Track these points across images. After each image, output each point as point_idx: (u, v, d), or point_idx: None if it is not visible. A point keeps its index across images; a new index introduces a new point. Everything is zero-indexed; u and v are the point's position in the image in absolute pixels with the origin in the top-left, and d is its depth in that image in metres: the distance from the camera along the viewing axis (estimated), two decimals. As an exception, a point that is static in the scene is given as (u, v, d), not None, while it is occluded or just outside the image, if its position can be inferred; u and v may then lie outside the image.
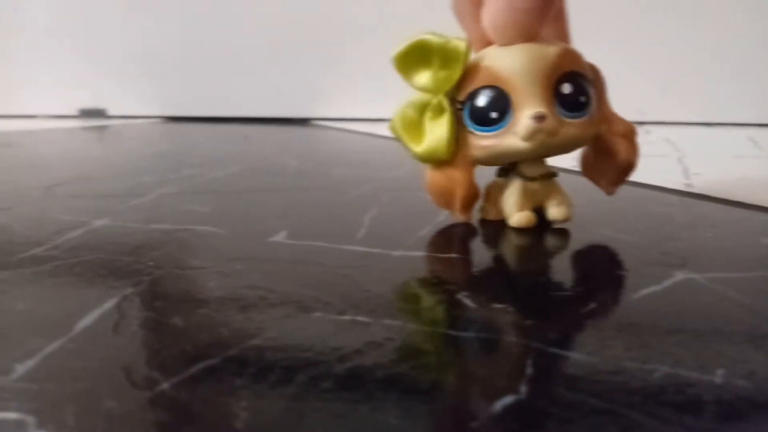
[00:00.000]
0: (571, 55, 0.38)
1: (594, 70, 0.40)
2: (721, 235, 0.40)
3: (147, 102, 1.15)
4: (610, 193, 0.41)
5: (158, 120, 1.12)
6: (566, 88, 0.37)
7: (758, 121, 0.99)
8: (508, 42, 0.37)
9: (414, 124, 0.39)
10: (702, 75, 0.99)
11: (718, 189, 0.51)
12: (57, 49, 1.14)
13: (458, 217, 0.42)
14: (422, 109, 0.39)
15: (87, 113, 1.15)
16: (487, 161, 0.40)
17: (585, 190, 0.42)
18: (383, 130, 0.43)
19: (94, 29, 1.13)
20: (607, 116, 0.40)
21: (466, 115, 0.38)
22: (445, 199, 0.41)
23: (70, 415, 0.20)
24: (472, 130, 0.38)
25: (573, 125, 0.37)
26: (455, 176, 0.40)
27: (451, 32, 0.38)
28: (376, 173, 0.61)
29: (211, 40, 1.11)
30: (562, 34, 0.41)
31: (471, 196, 0.41)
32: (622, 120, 0.40)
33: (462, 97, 0.38)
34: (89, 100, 1.16)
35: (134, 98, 1.15)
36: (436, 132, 0.39)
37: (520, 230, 0.40)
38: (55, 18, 1.13)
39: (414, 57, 0.38)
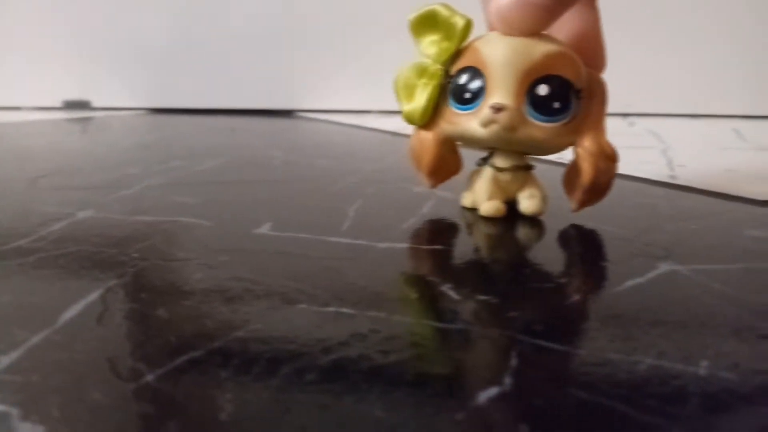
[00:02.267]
0: (561, 59, 0.37)
1: (595, 84, 0.39)
2: (705, 226, 0.40)
3: (132, 94, 1.14)
4: (573, 210, 0.41)
5: (143, 112, 1.12)
6: (542, 90, 0.37)
7: (743, 113, 0.99)
8: (512, 33, 0.37)
9: (411, 85, 0.40)
10: (687, 66, 0.99)
11: (702, 181, 0.52)
12: (41, 41, 1.13)
13: (425, 183, 0.43)
14: (421, 73, 0.40)
15: (71, 105, 1.15)
16: (454, 138, 0.41)
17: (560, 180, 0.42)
18: (368, 121, 0.43)
19: (79, 21, 1.12)
20: (586, 131, 0.38)
21: (450, 89, 0.39)
22: (415, 160, 0.42)
23: (54, 406, 0.20)
24: (450, 104, 0.39)
25: (537, 128, 0.37)
26: (426, 142, 0.41)
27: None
28: (361, 165, 0.61)
29: (197, 31, 1.10)
30: (590, 27, 0.40)
31: (437, 165, 0.41)
32: (600, 140, 0.38)
33: (453, 71, 0.39)
34: (73, 91, 1.15)
35: (119, 90, 1.15)
36: (420, 98, 0.40)
37: (503, 221, 0.40)
38: (40, 10, 1.12)
39: (425, 24, 0.40)
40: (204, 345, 0.24)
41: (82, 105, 1.14)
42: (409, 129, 0.42)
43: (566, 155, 0.40)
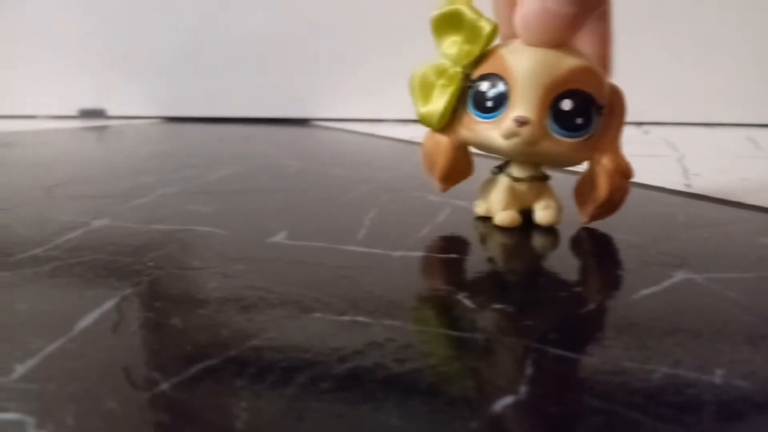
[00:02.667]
0: (587, 74, 0.37)
1: (615, 97, 0.39)
2: (720, 235, 0.40)
3: (147, 102, 1.15)
4: (583, 222, 0.41)
5: (158, 120, 1.12)
6: (566, 105, 0.36)
7: (758, 121, 0.99)
8: (535, 44, 0.36)
9: (428, 85, 0.40)
10: (702, 75, 0.99)
11: (717, 189, 0.51)
12: (56, 50, 1.14)
13: (437, 186, 0.43)
14: (440, 74, 0.39)
15: (87, 113, 1.15)
16: (472, 145, 0.40)
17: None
18: (383, 130, 0.43)
19: (94, 30, 1.13)
20: (603, 147, 0.38)
21: (470, 95, 0.38)
22: (429, 163, 0.42)
23: (70, 415, 0.20)
24: (469, 110, 0.39)
25: (559, 142, 0.37)
26: (441, 145, 0.40)
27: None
28: (375, 173, 0.61)
29: (212, 41, 1.11)
30: (603, 39, 0.40)
31: (450, 169, 0.41)
32: (617, 157, 0.38)
33: (474, 76, 0.38)
34: (89, 100, 1.16)
35: (134, 99, 1.15)
36: (439, 100, 0.39)
37: (517, 230, 0.40)
38: (55, 19, 1.13)
39: (448, 23, 0.39)
40: (219, 354, 0.24)
41: (97, 114, 1.15)
42: (423, 137, 0.41)
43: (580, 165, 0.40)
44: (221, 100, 1.13)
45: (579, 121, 0.37)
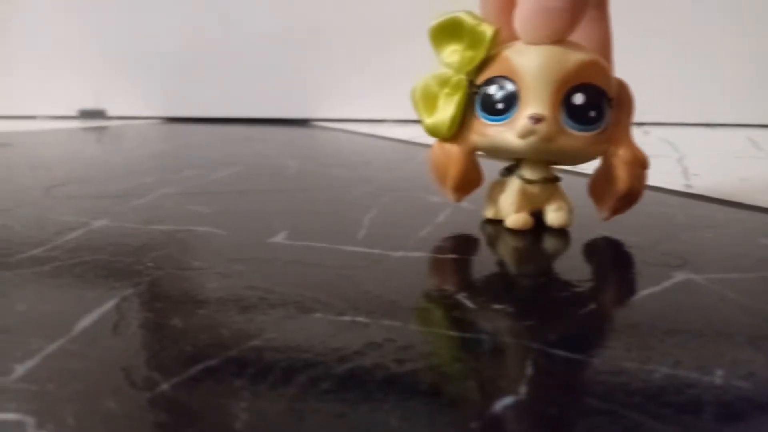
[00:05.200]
0: (594, 67, 0.37)
1: (622, 89, 0.39)
2: (720, 235, 0.40)
3: (147, 103, 1.15)
4: (605, 217, 0.41)
5: (158, 121, 1.12)
6: (578, 99, 0.36)
7: (758, 122, 0.99)
8: (535, 41, 0.36)
9: (431, 96, 0.39)
10: (702, 76, 0.99)
11: (717, 190, 0.51)
12: (56, 51, 1.14)
13: (449, 197, 0.42)
14: (443, 83, 0.39)
15: (86, 114, 1.15)
16: (484, 150, 0.40)
17: (582, 191, 0.42)
18: (383, 130, 0.43)
19: (94, 30, 1.13)
20: (617, 139, 0.38)
21: (477, 100, 0.38)
22: (440, 175, 0.41)
23: (69, 415, 0.20)
24: (478, 115, 0.38)
25: (574, 137, 0.37)
26: (452, 154, 0.40)
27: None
28: (376, 174, 0.61)
29: (212, 40, 1.11)
30: (602, 36, 0.40)
31: (463, 178, 0.41)
32: (632, 147, 0.39)
33: (479, 81, 0.38)
34: (89, 101, 1.16)
35: (134, 99, 1.15)
36: (446, 109, 0.39)
37: (519, 231, 0.40)
38: (55, 19, 1.13)
39: (447, 32, 0.39)
40: (219, 354, 0.24)
41: (97, 114, 1.15)
42: (424, 138, 0.41)
43: (587, 165, 0.40)
44: (221, 100, 1.13)
45: (592, 114, 0.37)
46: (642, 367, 0.23)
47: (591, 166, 0.40)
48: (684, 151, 0.75)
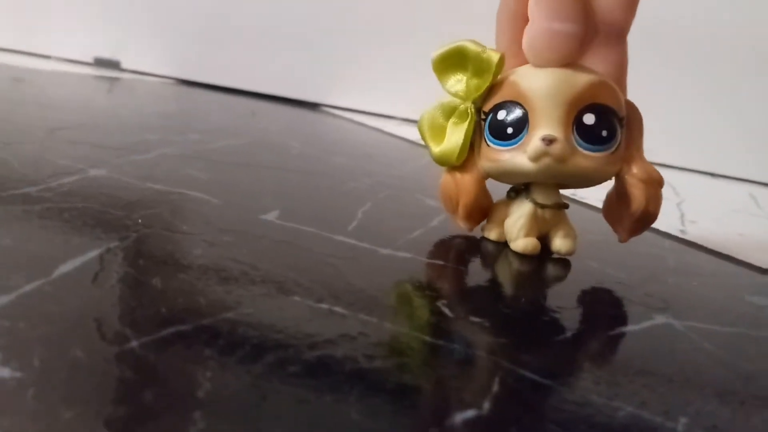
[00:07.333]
0: (604, 88, 0.37)
1: (631, 109, 0.39)
2: (707, 285, 0.40)
3: (163, 61, 1.14)
4: (622, 240, 0.40)
5: (171, 81, 1.12)
6: (589, 119, 0.36)
7: (762, 179, 0.99)
8: (543, 64, 0.37)
9: (439, 126, 0.40)
10: (712, 125, 0.99)
11: (711, 240, 0.51)
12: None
13: (460, 225, 0.42)
14: (450, 112, 0.39)
15: (102, 63, 1.15)
16: (496, 175, 0.40)
17: (579, 219, 0.42)
18: (390, 126, 0.43)
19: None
20: (631, 158, 0.38)
21: (486, 126, 0.38)
22: (450, 203, 0.41)
23: (35, 357, 0.20)
24: (488, 141, 0.38)
25: (587, 158, 0.36)
26: (463, 183, 0.40)
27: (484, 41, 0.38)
28: (377, 168, 0.61)
29: (238, 10, 1.10)
30: (619, 61, 0.40)
31: (475, 206, 0.41)
32: (646, 166, 0.38)
33: (487, 108, 0.38)
34: (106, 50, 1.15)
35: (151, 55, 1.15)
36: (454, 137, 0.39)
37: (510, 250, 0.40)
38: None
39: (451, 61, 0.39)
40: (193, 320, 0.24)
41: (112, 64, 1.15)
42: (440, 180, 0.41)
43: (579, 192, 0.40)
44: (236, 71, 1.12)
45: (604, 133, 0.36)
46: (608, 402, 0.23)
47: (592, 194, 0.40)
48: (684, 196, 0.75)
